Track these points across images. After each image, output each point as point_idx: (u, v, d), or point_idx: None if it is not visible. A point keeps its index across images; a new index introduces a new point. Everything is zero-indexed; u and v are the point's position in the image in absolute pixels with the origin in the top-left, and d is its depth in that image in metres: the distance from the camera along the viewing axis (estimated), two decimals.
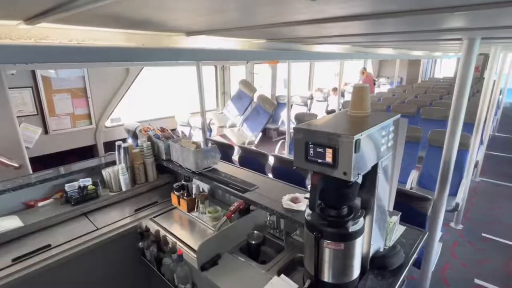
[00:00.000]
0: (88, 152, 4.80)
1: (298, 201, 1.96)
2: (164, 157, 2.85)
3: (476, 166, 4.69)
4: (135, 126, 4.29)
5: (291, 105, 7.16)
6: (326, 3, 0.80)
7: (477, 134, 3.65)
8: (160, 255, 2.13)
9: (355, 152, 1.04)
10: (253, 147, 4.84)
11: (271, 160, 3.21)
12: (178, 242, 2.09)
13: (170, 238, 2.13)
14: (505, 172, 5.43)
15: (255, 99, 5.87)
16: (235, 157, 3.70)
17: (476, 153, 3.89)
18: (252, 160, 3.26)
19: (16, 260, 1.87)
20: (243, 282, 1.70)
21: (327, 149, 1.09)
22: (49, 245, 2.03)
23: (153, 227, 2.27)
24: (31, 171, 3.44)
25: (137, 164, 2.77)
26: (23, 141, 3.47)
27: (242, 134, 5.64)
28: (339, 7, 0.86)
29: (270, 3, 0.82)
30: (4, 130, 3.27)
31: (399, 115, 1.34)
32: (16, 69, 3.71)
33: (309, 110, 7.61)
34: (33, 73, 4.02)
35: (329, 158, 1.10)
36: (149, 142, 2.83)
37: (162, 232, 2.18)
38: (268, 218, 2.17)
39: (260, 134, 5.68)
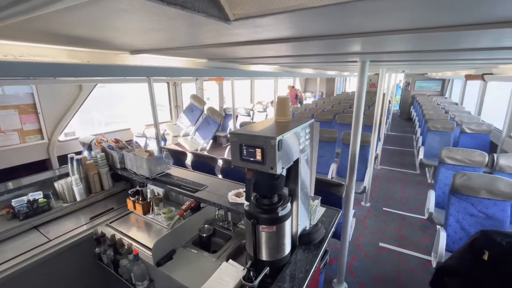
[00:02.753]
0: (41, 166, 4.16)
1: (241, 195, 1.97)
2: (118, 166, 2.61)
3: (376, 157, 5.28)
4: (90, 139, 3.86)
5: (237, 116, 7.21)
6: (240, 27, 0.81)
7: (375, 133, 4.11)
8: (117, 257, 1.93)
9: (278, 150, 1.08)
10: (205, 153, 4.73)
11: (221, 163, 3.16)
12: (134, 243, 1.92)
13: (126, 240, 1.95)
14: (396, 161, 6.21)
15: (205, 111, 5.76)
16: (188, 162, 3.56)
17: (376, 148, 4.36)
18: (203, 164, 3.17)
19: None
20: (196, 271, 1.64)
21: (256, 149, 1.12)
22: None
23: (108, 232, 2.05)
24: None
25: (91, 174, 2.49)
26: None
27: (195, 142, 5.48)
28: (253, 31, 0.88)
29: (193, 25, 0.80)
30: None
31: (313, 120, 1.43)
32: None
33: (252, 119, 7.74)
34: None
35: (259, 157, 1.12)
36: (103, 153, 2.57)
37: (118, 236, 1.99)
38: (217, 212, 2.13)
39: (211, 141, 5.58)
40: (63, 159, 4.21)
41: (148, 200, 2.32)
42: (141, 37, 1.06)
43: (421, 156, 4.81)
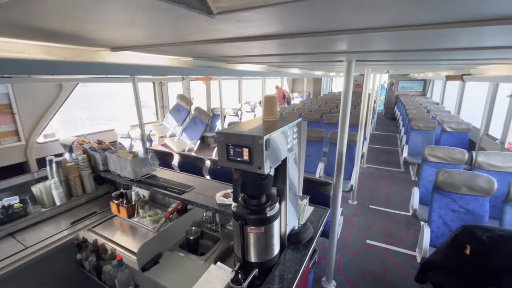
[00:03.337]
0: (18, 169, 3.94)
1: (229, 196, 1.93)
2: (101, 168, 2.51)
3: (362, 156, 5.37)
4: (71, 141, 3.69)
5: (225, 116, 7.15)
6: (224, 22, 0.79)
7: (361, 132, 4.17)
8: (100, 263, 1.85)
9: (266, 149, 1.06)
10: (192, 153, 4.65)
11: (208, 164, 3.11)
12: (117, 248, 1.85)
13: (109, 245, 1.87)
14: (382, 159, 6.35)
15: (192, 111, 5.67)
16: (175, 163, 3.48)
17: (362, 147, 4.44)
18: (190, 164, 3.11)
19: None
20: (183, 275, 1.59)
21: (244, 148, 1.09)
22: None
23: (91, 237, 1.96)
24: None
25: (72, 177, 2.37)
26: None
27: (182, 142, 5.37)
28: (238, 26, 0.86)
29: (174, 18, 0.77)
30: None
31: (300, 119, 1.42)
32: None
33: (240, 119, 7.70)
34: None
35: (246, 156, 1.09)
36: (84, 155, 2.46)
37: (101, 241, 1.90)
38: (205, 214, 2.09)
39: (199, 141, 5.50)
40: (42, 162, 4.01)
41: (133, 203, 2.24)
42: (120, 32, 1.01)
43: (405, 154, 4.93)
